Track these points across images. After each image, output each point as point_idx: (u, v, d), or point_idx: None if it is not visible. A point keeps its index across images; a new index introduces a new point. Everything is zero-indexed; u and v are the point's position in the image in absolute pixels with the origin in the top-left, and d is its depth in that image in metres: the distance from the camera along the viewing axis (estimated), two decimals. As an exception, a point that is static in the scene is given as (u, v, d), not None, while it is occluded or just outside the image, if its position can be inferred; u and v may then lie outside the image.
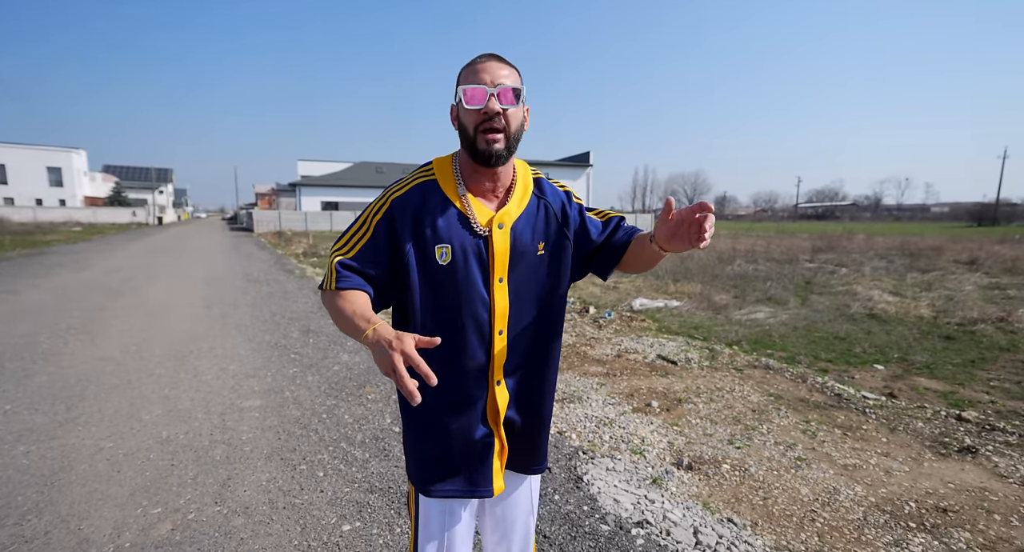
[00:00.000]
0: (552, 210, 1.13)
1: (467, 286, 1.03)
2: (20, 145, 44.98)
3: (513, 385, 1.12)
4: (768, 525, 2.18)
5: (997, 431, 3.11)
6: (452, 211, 1.03)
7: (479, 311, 1.05)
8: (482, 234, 1.04)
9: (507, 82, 0.97)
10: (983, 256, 12.76)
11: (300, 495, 2.36)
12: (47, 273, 10.36)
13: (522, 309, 1.09)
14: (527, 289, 1.09)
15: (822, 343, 5.42)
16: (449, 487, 1.11)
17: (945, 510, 2.28)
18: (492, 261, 1.04)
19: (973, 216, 50.88)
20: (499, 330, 1.07)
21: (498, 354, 1.08)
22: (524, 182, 1.12)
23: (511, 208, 1.07)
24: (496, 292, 1.05)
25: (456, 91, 1.00)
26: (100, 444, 2.83)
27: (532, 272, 1.10)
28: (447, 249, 1.02)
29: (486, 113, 0.96)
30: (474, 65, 0.99)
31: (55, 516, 2.14)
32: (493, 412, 1.11)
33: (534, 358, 1.14)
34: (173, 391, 3.69)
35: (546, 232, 1.11)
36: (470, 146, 1.01)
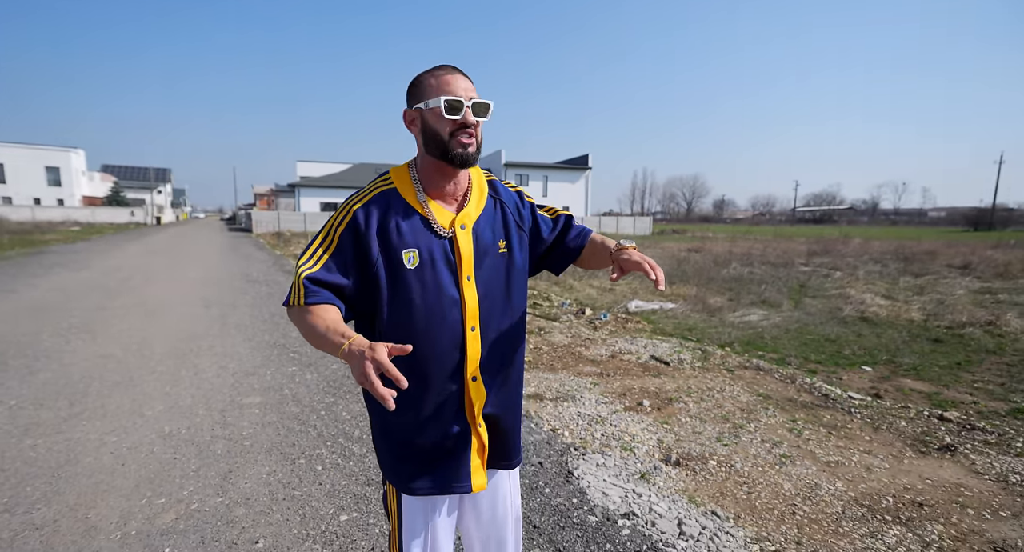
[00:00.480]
0: (507, 209, 1.19)
1: (437, 287, 1.07)
2: (18, 144, 44.98)
3: (488, 381, 1.15)
4: (750, 517, 2.26)
5: (977, 430, 3.20)
6: (415, 216, 1.08)
7: (450, 310, 1.08)
8: (446, 236, 1.08)
9: (477, 96, 1.05)
10: (976, 261, 12.90)
11: (299, 487, 2.44)
12: (46, 273, 10.42)
13: (491, 306, 1.13)
14: (494, 286, 1.14)
15: (813, 345, 5.51)
16: (427, 484, 1.12)
17: (921, 504, 2.37)
18: (459, 261, 1.08)
19: (970, 221, 51.17)
20: (471, 327, 1.10)
21: (471, 351, 1.10)
22: (479, 185, 1.17)
23: (470, 210, 1.12)
24: (465, 290, 1.09)
25: (417, 97, 1.05)
26: (104, 438, 2.90)
27: (496, 269, 1.14)
28: (414, 253, 1.05)
29: (464, 122, 1.03)
30: (443, 76, 1.03)
31: (63, 505, 2.22)
32: (469, 409, 1.13)
33: (505, 353, 1.17)
34: (174, 388, 3.77)
35: (505, 230, 1.16)
36: (442, 150, 1.04)
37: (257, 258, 14.76)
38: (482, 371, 1.13)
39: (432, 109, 1.03)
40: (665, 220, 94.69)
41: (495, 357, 1.15)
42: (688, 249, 17.87)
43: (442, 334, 1.08)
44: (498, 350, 1.15)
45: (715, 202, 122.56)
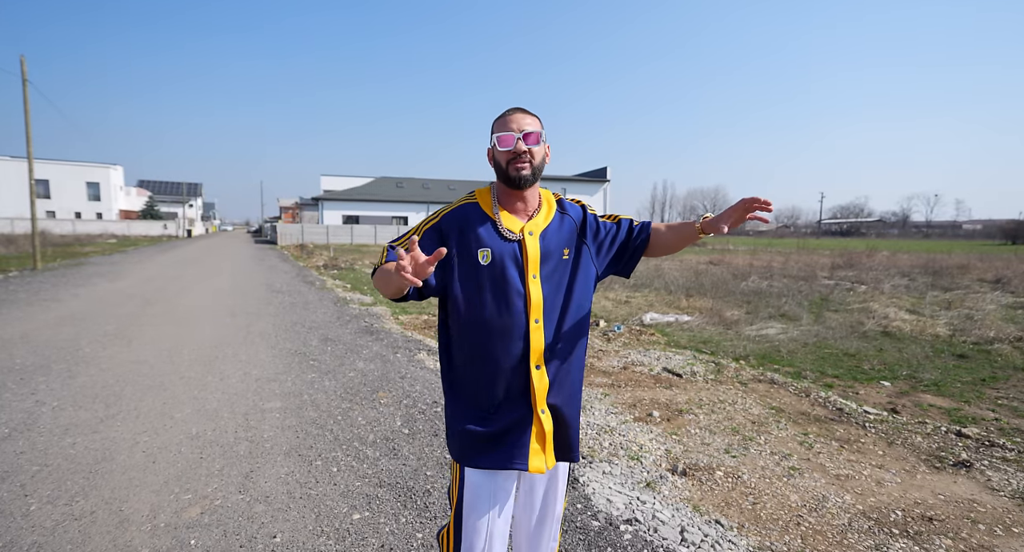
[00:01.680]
0: (573, 222, 1.38)
1: (505, 281, 1.25)
2: (62, 161, 47.45)
3: (552, 372, 1.29)
4: (754, 527, 2.28)
5: (996, 447, 3.14)
6: (489, 224, 1.29)
7: (516, 302, 1.25)
8: (514, 239, 1.27)
9: (529, 128, 1.26)
10: (1010, 275, 12.45)
11: (315, 487, 2.56)
12: (85, 283, 10.96)
13: (555, 303, 1.29)
14: (557, 285, 1.30)
15: (831, 359, 5.43)
16: (488, 459, 1.26)
17: (931, 519, 2.35)
18: (526, 261, 1.27)
19: (1007, 234, 49.12)
20: (535, 319, 1.26)
21: (535, 341, 1.26)
22: (549, 204, 1.37)
23: (538, 220, 1.32)
24: (531, 286, 1.26)
25: (491, 138, 1.29)
26: (137, 438, 3.09)
27: (561, 272, 1.31)
28: (488, 252, 1.26)
29: (515, 152, 1.24)
30: (504, 118, 1.28)
31: (99, 499, 2.38)
32: (533, 395, 1.27)
33: (567, 348, 1.31)
34: (201, 392, 3.96)
35: (569, 240, 1.34)
36: (504, 176, 1.28)
37: (281, 269, 15.22)
38: (545, 361, 1.28)
39: (494, 145, 1.28)
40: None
41: (556, 350, 1.29)
42: (707, 262, 17.68)
43: (508, 322, 1.25)
44: (559, 344, 1.30)
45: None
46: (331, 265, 16.34)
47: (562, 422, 1.32)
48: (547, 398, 1.29)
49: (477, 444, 1.27)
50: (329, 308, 8.23)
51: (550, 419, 1.30)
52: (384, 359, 5.11)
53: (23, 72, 14.48)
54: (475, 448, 1.27)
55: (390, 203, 40.06)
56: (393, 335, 6.23)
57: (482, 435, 1.26)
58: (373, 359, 5.10)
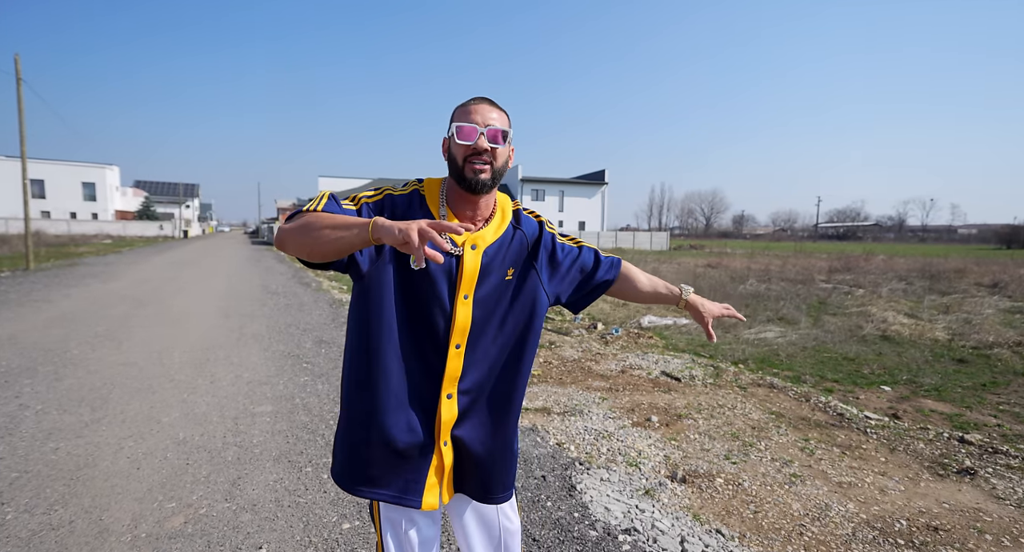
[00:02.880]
0: (525, 239, 1.20)
1: (431, 295, 1.08)
2: (58, 161, 47.17)
3: (466, 403, 1.13)
4: (756, 537, 2.21)
5: (1000, 454, 3.08)
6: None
7: (438, 321, 1.09)
8: (455, 253, 1.08)
9: (496, 124, 1.07)
10: (1007, 279, 12.47)
11: (304, 495, 2.48)
12: (79, 283, 10.84)
13: (484, 329, 1.12)
14: (492, 311, 1.13)
15: (830, 363, 5.38)
16: (375, 490, 1.10)
17: (936, 529, 2.29)
18: (460, 278, 1.09)
19: (1002, 238, 49.48)
20: (456, 344, 1.10)
21: (451, 367, 1.10)
22: (503, 214, 1.18)
23: (485, 233, 1.13)
24: (459, 307, 1.09)
25: (450, 126, 1.10)
26: (122, 443, 3.00)
27: (499, 295, 1.14)
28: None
29: (475, 148, 1.06)
30: (468, 106, 1.09)
31: (79, 507, 2.30)
32: (437, 425, 1.11)
33: (491, 379, 1.15)
34: (191, 396, 3.88)
35: (517, 259, 1.17)
36: (458, 175, 1.08)
37: (277, 271, 15.11)
38: (460, 392, 1.13)
39: (452, 135, 1.08)
40: (683, 235, 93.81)
41: (479, 383, 1.14)
42: (705, 265, 17.66)
43: (426, 341, 1.10)
44: (482, 375, 1.14)
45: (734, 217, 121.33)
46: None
47: (469, 457, 1.16)
48: (452, 430, 1.14)
49: (367, 470, 1.10)
50: (324, 310, 8.14)
51: (451, 452, 1.14)
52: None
53: (17, 71, 14.37)
54: (368, 475, 1.10)
55: (388, 205, 39.81)
56: (388, 337, 6.15)
57: (375, 460, 1.10)
58: (367, 362, 5.02)
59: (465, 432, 1.15)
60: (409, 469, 1.11)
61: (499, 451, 1.19)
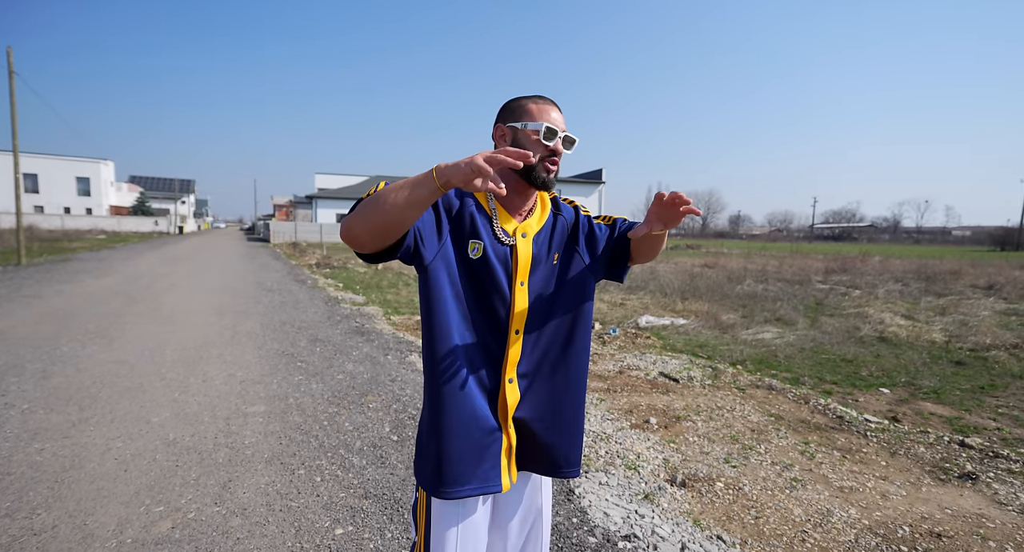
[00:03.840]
0: (566, 224, 1.26)
1: (491, 283, 1.13)
2: (52, 156, 46.74)
3: (526, 386, 1.18)
4: (758, 544, 2.17)
5: (1000, 458, 3.06)
6: (484, 217, 1.15)
7: (498, 308, 1.13)
8: (508, 242, 1.15)
9: (568, 131, 1.15)
10: (1002, 281, 12.50)
11: (297, 498, 2.42)
12: (71, 279, 10.71)
13: (539, 313, 1.18)
14: (545, 295, 1.19)
15: (828, 365, 5.36)
16: (463, 487, 1.12)
17: (939, 535, 2.26)
18: (515, 266, 1.14)
19: (995, 240, 49.81)
20: (515, 329, 1.14)
21: (512, 352, 1.15)
22: (543, 203, 1.26)
23: (532, 222, 1.20)
24: (516, 294, 1.14)
25: (521, 119, 1.13)
26: (110, 444, 2.93)
27: (548, 279, 1.20)
28: (479, 246, 1.12)
29: (555, 150, 1.12)
30: (540, 104, 1.13)
31: (63, 511, 2.23)
32: (503, 408, 1.15)
33: (551, 362, 1.20)
34: (182, 395, 3.81)
35: (559, 244, 1.23)
36: (527, 170, 1.13)
37: (273, 268, 15.00)
38: (520, 375, 1.17)
39: (528, 131, 1.11)
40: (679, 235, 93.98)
41: (535, 364, 1.19)
42: (702, 265, 17.65)
43: (488, 329, 1.14)
44: (539, 357, 1.19)
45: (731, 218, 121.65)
46: (323, 264, 16.13)
47: (533, 437, 1.19)
48: (516, 412, 1.17)
49: (447, 469, 1.12)
50: (320, 307, 8.06)
51: (514, 433, 1.18)
52: (374, 361, 4.97)
53: (10, 64, 14.19)
54: (446, 476, 1.12)
55: (384, 202, 39.65)
56: (384, 336, 6.09)
57: (451, 457, 1.11)
58: (363, 361, 4.96)
59: (527, 413, 1.18)
60: (486, 456, 1.14)
61: (564, 428, 1.22)
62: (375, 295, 9.60)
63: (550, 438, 1.20)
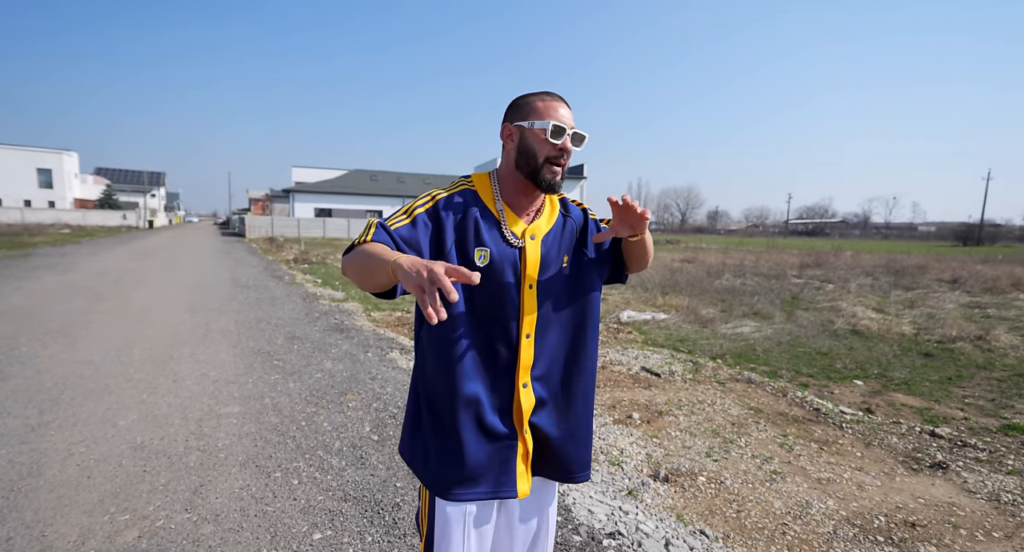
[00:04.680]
0: (575, 226, 1.24)
1: (500, 289, 1.10)
2: (10, 146, 44.52)
3: (540, 390, 1.16)
4: (740, 537, 2.19)
5: (968, 447, 3.16)
6: (491, 220, 1.13)
7: (509, 314, 1.11)
8: (517, 245, 1.12)
9: (576, 128, 1.10)
10: (965, 275, 13.01)
11: (273, 503, 2.34)
12: (31, 275, 10.22)
13: (549, 317, 1.16)
14: (555, 298, 1.17)
15: (805, 358, 5.47)
16: (474, 490, 1.11)
17: (914, 525, 2.31)
18: (524, 269, 1.12)
19: (958, 236, 51.88)
20: (526, 334, 1.13)
21: (524, 357, 1.13)
22: (552, 203, 1.23)
23: (541, 223, 1.17)
24: (525, 298, 1.12)
25: (528, 117, 1.09)
26: (72, 449, 2.79)
27: (559, 282, 1.17)
28: (486, 253, 1.10)
29: (562, 149, 1.08)
30: (549, 102, 1.09)
31: (19, 522, 2.11)
32: (518, 414, 1.14)
33: (562, 365, 1.18)
34: (151, 396, 3.65)
35: (569, 247, 1.21)
36: (533, 171, 1.10)
37: (248, 263, 14.60)
38: (533, 379, 1.15)
39: (536, 130, 1.08)
40: (660, 230, 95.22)
41: (549, 369, 1.17)
42: (681, 260, 17.89)
43: (498, 335, 1.11)
44: (552, 361, 1.17)
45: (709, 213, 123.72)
46: (301, 259, 15.79)
47: (548, 441, 1.18)
48: (531, 417, 1.16)
49: (460, 472, 1.10)
50: (297, 304, 7.87)
51: (531, 438, 1.16)
52: (354, 359, 4.86)
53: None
54: (459, 477, 1.10)
55: (364, 196, 39.16)
56: (364, 333, 5.97)
57: (465, 461, 1.10)
58: (342, 358, 4.85)
59: (542, 418, 1.17)
60: (500, 461, 1.13)
61: (576, 432, 1.21)
62: (354, 291, 9.42)
63: (564, 442, 1.20)
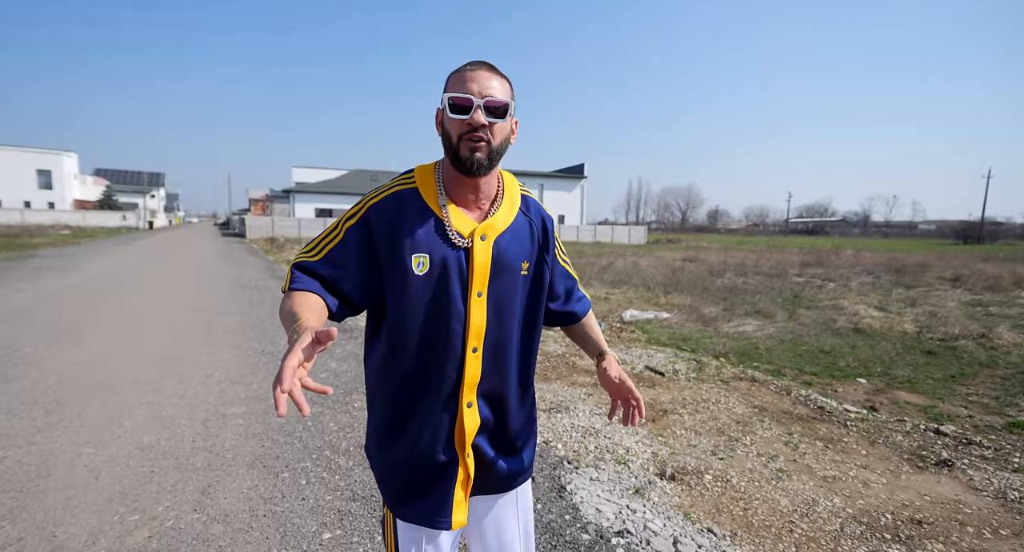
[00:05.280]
0: (536, 230, 1.09)
1: (442, 298, 0.98)
2: (9, 147, 44.53)
3: (484, 409, 1.06)
4: (747, 535, 2.20)
5: (973, 445, 3.16)
6: (431, 221, 0.99)
7: (453, 325, 0.99)
8: (462, 245, 0.99)
9: (496, 94, 0.93)
10: (967, 273, 13.01)
11: (281, 503, 2.35)
12: (32, 277, 10.23)
13: (500, 328, 1.03)
14: (507, 307, 1.04)
15: (807, 356, 5.48)
16: (411, 513, 1.05)
17: (920, 522, 2.32)
18: (471, 274, 0.99)
19: (959, 234, 51.87)
20: (472, 348, 1.01)
21: (469, 374, 1.01)
22: (511, 196, 1.07)
23: (495, 221, 1.02)
24: (473, 307, 1.00)
25: (443, 97, 0.95)
26: (79, 450, 2.79)
27: (513, 290, 1.04)
28: (424, 259, 0.97)
29: (470, 124, 0.92)
30: (463, 72, 0.94)
31: (30, 522, 2.11)
32: (460, 437, 1.03)
33: (510, 380, 1.08)
34: (156, 397, 3.66)
35: (530, 250, 1.07)
36: (453, 154, 0.96)
37: (249, 263, 14.61)
38: (479, 397, 1.05)
39: (444, 107, 0.95)
40: (660, 229, 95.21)
41: (497, 384, 1.06)
42: (683, 259, 17.90)
43: (440, 350, 1.00)
44: (501, 377, 1.06)
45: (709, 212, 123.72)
46: (302, 259, 15.76)
47: (491, 460, 1.08)
48: (476, 438, 1.06)
49: (400, 491, 1.05)
50: (299, 304, 7.87)
51: (473, 462, 1.07)
52: (358, 358, 4.87)
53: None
54: (397, 496, 1.06)
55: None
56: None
57: (404, 481, 1.05)
58: (347, 358, 4.86)
59: (486, 439, 1.08)
60: (437, 489, 1.04)
61: (524, 442, 1.15)
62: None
63: (510, 457, 1.11)
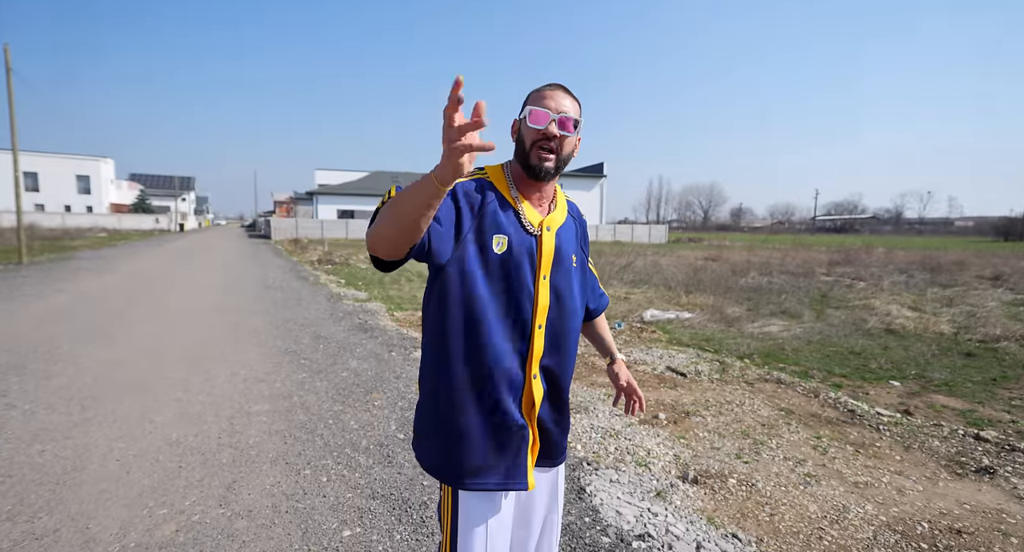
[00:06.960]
0: (579, 230, 1.29)
1: (517, 278, 1.11)
2: (52, 154, 46.68)
3: (546, 380, 1.18)
4: (774, 542, 2.13)
5: (1017, 452, 3.00)
6: (508, 209, 1.13)
7: (524, 303, 1.12)
8: (534, 233, 1.13)
9: (569, 111, 1.09)
10: (1008, 271, 12.42)
11: (303, 499, 2.38)
12: (72, 277, 10.68)
13: (559, 309, 1.17)
14: (565, 292, 1.19)
15: (836, 358, 5.30)
16: (487, 480, 1.12)
17: (959, 532, 2.21)
18: (539, 259, 1.13)
19: (999, 231, 49.45)
20: (539, 325, 1.14)
21: (536, 347, 1.14)
22: (561, 203, 1.24)
23: (556, 216, 1.19)
24: (540, 288, 1.13)
25: (523, 109, 1.12)
26: (112, 445, 2.89)
27: (569, 278, 1.20)
28: (504, 240, 1.10)
29: (545, 134, 1.08)
30: (543, 91, 1.11)
31: (65, 514, 2.19)
32: (528, 405, 1.15)
33: (564, 357, 1.21)
34: (185, 394, 3.77)
35: (576, 247, 1.25)
36: (524, 160, 1.12)
37: (274, 264, 14.96)
38: (542, 370, 1.17)
39: (524, 118, 1.11)
40: (681, 228, 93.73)
41: (555, 360, 1.19)
42: (705, 257, 17.58)
43: (514, 324, 1.12)
44: (558, 353, 1.20)
45: (732, 210, 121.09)
46: (325, 260, 16.08)
47: (546, 432, 1.22)
48: (540, 408, 1.19)
49: (472, 461, 1.12)
50: (322, 304, 8.02)
51: (537, 429, 1.20)
52: (378, 358, 4.92)
53: (7, 61, 14.09)
54: (470, 466, 1.12)
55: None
56: (388, 332, 6.04)
57: (477, 450, 1.12)
58: (367, 358, 4.91)
59: (544, 410, 1.20)
60: (511, 452, 1.14)
61: (565, 420, 1.26)
62: (377, 291, 9.55)
63: (560, 431, 1.25)
